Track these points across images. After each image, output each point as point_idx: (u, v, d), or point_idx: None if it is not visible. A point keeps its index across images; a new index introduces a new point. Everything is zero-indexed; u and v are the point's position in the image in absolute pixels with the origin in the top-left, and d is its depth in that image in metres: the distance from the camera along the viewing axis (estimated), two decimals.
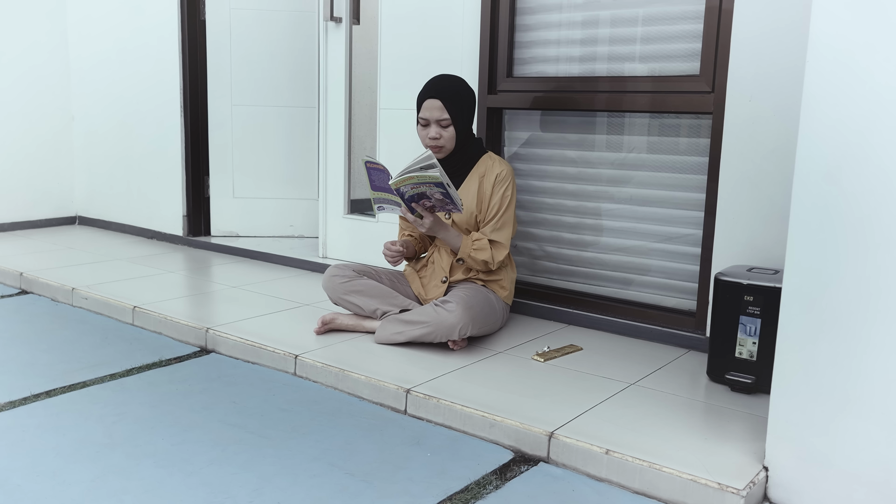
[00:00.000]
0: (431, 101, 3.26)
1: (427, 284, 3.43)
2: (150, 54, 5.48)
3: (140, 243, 5.50)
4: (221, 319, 3.54)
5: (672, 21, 3.31)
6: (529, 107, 3.71)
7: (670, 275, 3.46)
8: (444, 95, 3.27)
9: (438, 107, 3.26)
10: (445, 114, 3.26)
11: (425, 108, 3.28)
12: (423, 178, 2.97)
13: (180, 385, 2.95)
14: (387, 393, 2.77)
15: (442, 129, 3.28)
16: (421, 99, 3.30)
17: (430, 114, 3.27)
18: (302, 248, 5.06)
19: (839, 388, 2.02)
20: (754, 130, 3.02)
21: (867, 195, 1.94)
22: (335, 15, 4.44)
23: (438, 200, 3.07)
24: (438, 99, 3.26)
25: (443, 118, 3.26)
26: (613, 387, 2.81)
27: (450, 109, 3.26)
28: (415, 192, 3.05)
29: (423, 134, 3.32)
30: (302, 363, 3.04)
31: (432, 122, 3.27)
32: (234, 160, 5.36)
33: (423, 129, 3.31)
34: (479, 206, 3.34)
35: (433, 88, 3.29)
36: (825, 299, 2.03)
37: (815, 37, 2.00)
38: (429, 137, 3.29)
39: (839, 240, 1.99)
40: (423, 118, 3.29)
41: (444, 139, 3.29)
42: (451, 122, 3.28)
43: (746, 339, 2.71)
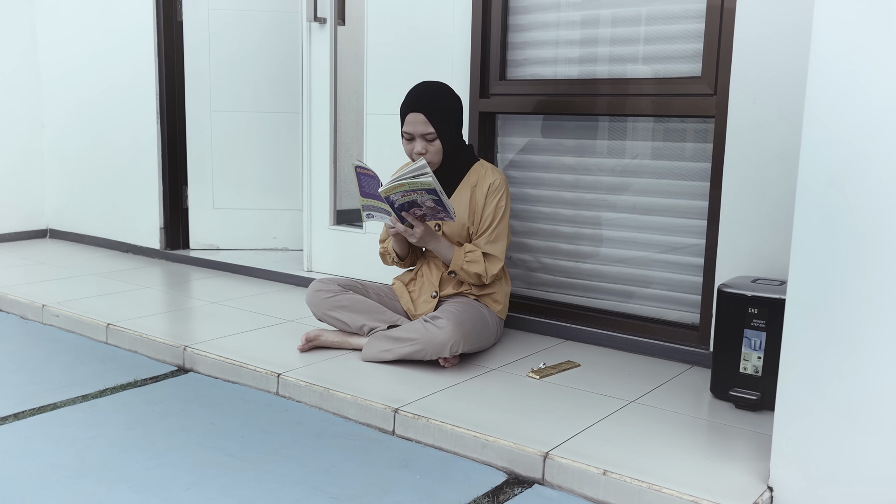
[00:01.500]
0: (414, 116, 3.24)
1: (416, 299, 3.45)
2: (123, 58, 5.51)
3: (115, 257, 5.52)
4: (200, 337, 3.56)
5: (672, 20, 3.34)
6: (524, 111, 3.74)
7: (672, 287, 3.48)
8: (428, 108, 3.24)
9: (422, 121, 3.24)
10: (430, 127, 3.24)
11: (408, 122, 3.26)
12: (415, 185, 2.98)
13: (156, 406, 2.96)
14: (374, 413, 2.79)
15: (428, 144, 3.27)
16: (403, 112, 3.28)
17: (413, 128, 3.25)
18: (286, 261, 5.08)
19: (845, 404, 2.05)
20: (758, 135, 3.05)
21: (873, 202, 1.97)
22: (319, 15, 4.47)
23: (430, 209, 3.09)
24: (421, 112, 3.23)
25: (427, 132, 3.24)
26: (612, 405, 2.83)
27: (434, 122, 3.24)
28: (405, 199, 3.06)
29: (408, 148, 3.31)
30: (285, 382, 3.06)
31: (417, 136, 3.26)
32: (213, 169, 5.38)
33: (409, 143, 3.29)
34: (472, 217, 3.35)
35: (415, 101, 3.26)
36: (830, 311, 2.05)
37: (818, 38, 2.03)
38: (414, 153, 3.28)
39: (844, 248, 2.02)
40: (407, 132, 3.27)
41: (431, 153, 3.28)
42: (437, 136, 3.27)
43: (751, 354, 2.73)
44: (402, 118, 3.29)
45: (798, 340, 2.11)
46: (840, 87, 2.00)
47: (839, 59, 2.00)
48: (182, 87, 5.36)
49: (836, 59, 2.00)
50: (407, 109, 3.27)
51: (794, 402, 2.13)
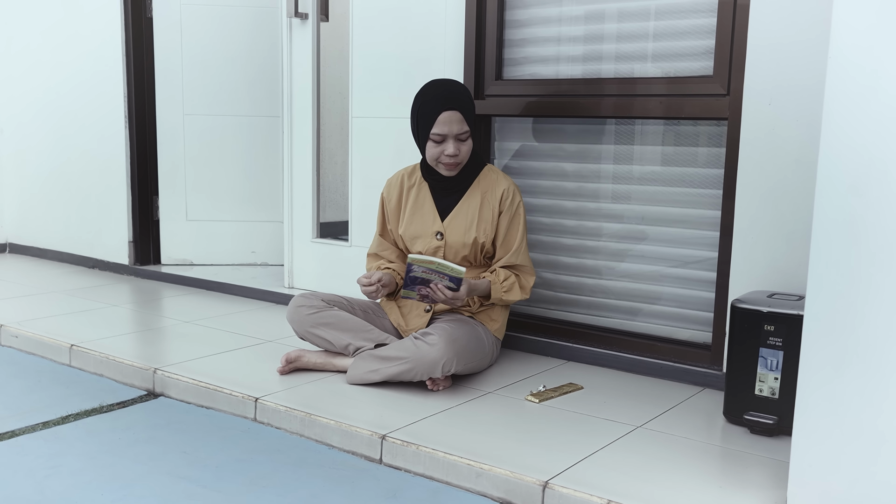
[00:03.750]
0: (451, 114, 3.26)
1: (407, 314, 3.46)
2: (89, 57, 5.53)
3: (80, 273, 5.52)
4: (172, 359, 3.56)
5: (681, 15, 3.36)
6: (522, 113, 3.75)
7: (682, 303, 3.49)
8: (463, 105, 3.29)
9: (458, 119, 3.27)
10: (465, 126, 3.29)
11: (443, 122, 3.26)
12: (444, 269, 3.13)
13: (123, 433, 2.96)
14: (359, 440, 2.79)
15: (461, 144, 3.30)
16: (433, 111, 3.28)
17: (448, 128, 3.26)
18: (265, 277, 5.09)
19: (869, 428, 2.05)
20: (775, 138, 3.07)
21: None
22: (300, 11, 4.49)
23: (436, 288, 3.19)
24: (458, 110, 3.27)
25: (462, 131, 3.29)
26: (617, 430, 2.84)
27: (468, 120, 3.30)
28: (424, 275, 3.18)
29: (435, 151, 3.32)
30: (263, 407, 3.06)
31: (450, 137, 3.28)
32: (186, 177, 5.39)
33: (437, 145, 3.30)
34: (479, 225, 3.39)
35: (449, 98, 3.28)
36: (852, 327, 2.06)
37: (837, 33, 2.04)
38: (446, 154, 3.29)
39: (866, 259, 2.03)
40: (439, 134, 3.27)
41: (463, 154, 3.33)
42: (470, 135, 3.32)
43: (767, 375, 2.74)
44: (429, 119, 3.28)
45: (817, 359, 2.12)
46: (860, 86, 2.01)
47: (859, 55, 2.01)
48: (152, 88, 5.37)
49: (855, 56, 2.02)
50: (439, 108, 3.27)
51: (813, 427, 2.14)
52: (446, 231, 3.40)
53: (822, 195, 2.09)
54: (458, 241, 3.39)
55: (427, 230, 3.43)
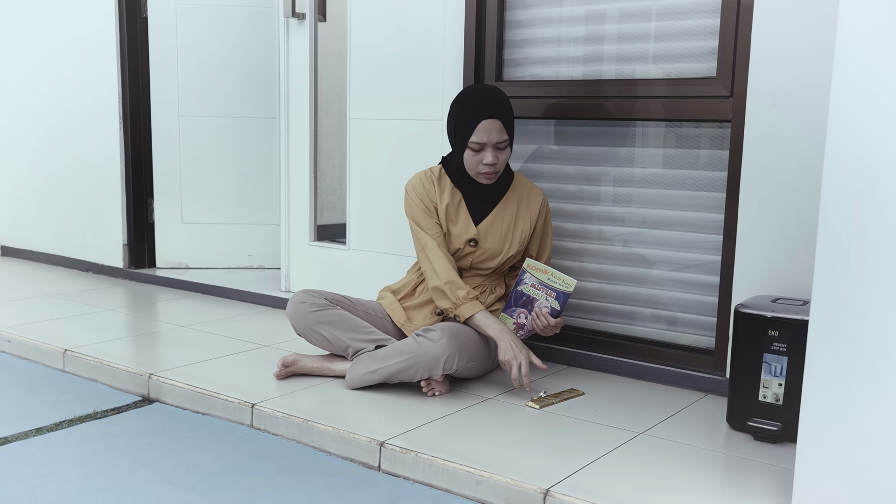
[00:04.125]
0: (492, 122, 3.21)
1: (413, 316, 3.46)
2: (83, 58, 5.53)
3: (73, 277, 5.52)
4: (167, 364, 3.56)
5: (684, 15, 3.36)
6: (522, 115, 3.74)
7: (684, 307, 3.49)
8: (503, 113, 3.25)
9: (499, 128, 3.23)
10: (505, 134, 3.25)
11: (483, 130, 3.21)
12: (555, 280, 3.21)
13: (118, 440, 2.96)
14: (358, 446, 2.79)
15: (499, 153, 3.26)
16: (473, 119, 3.22)
17: (489, 137, 3.21)
18: (261, 280, 5.09)
19: (876, 435, 2.05)
20: (779, 141, 3.07)
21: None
22: (297, 11, 4.49)
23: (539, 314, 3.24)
24: (499, 118, 3.23)
25: (502, 140, 3.24)
26: (619, 437, 2.83)
27: (508, 129, 3.27)
28: (532, 291, 3.24)
29: (473, 161, 3.26)
30: (260, 413, 3.05)
31: (490, 145, 3.23)
32: (182, 180, 5.39)
33: (475, 154, 3.25)
34: (512, 235, 3.40)
35: (490, 105, 3.23)
36: (858, 332, 2.06)
37: (843, 36, 2.04)
38: (483, 164, 3.24)
39: (874, 263, 2.02)
40: (479, 142, 3.22)
41: (501, 163, 3.29)
42: (509, 143, 3.29)
43: (771, 381, 2.74)
44: (469, 127, 3.23)
45: (823, 365, 2.12)
46: (866, 89, 2.01)
47: (865, 59, 2.01)
48: (147, 89, 5.36)
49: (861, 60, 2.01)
50: (480, 116, 3.21)
51: (818, 433, 2.14)
52: (481, 238, 3.38)
53: (827, 199, 2.08)
54: (493, 249, 3.38)
55: (460, 237, 3.39)
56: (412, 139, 4.08)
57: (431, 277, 3.30)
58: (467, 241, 3.37)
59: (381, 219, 4.27)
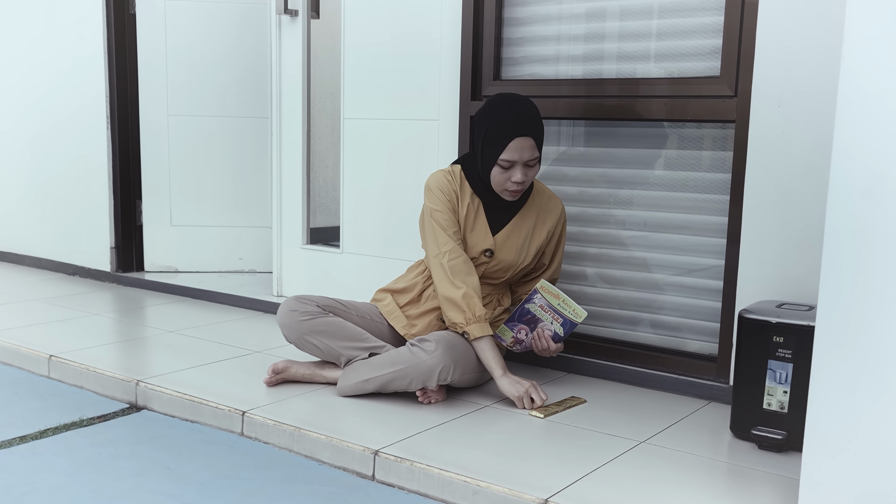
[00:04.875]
0: (524, 141, 3.15)
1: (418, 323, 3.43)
2: (69, 55, 5.52)
3: (59, 281, 5.51)
4: (155, 370, 3.55)
5: (687, 13, 3.37)
6: None
7: (687, 313, 3.49)
8: (536, 130, 3.19)
9: (531, 146, 3.17)
10: (537, 152, 3.21)
11: (515, 149, 3.14)
12: (566, 307, 3.23)
13: (104, 448, 2.95)
14: (351, 455, 2.78)
15: (528, 170, 3.21)
16: (505, 136, 3.15)
17: (520, 155, 3.15)
18: (253, 284, 5.09)
19: (884, 444, 2.05)
20: (784, 142, 3.07)
21: None
22: (290, 7, 4.49)
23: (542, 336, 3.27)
24: (532, 137, 3.17)
25: (533, 157, 3.19)
26: (620, 445, 2.83)
27: (539, 146, 3.22)
28: (539, 311, 3.26)
29: (501, 178, 3.21)
30: (250, 421, 3.05)
31: (520, 163, 3.17)
32: (171, 181, 5.39)
33: (504, 171, 3.19)
34: (528, 248, 3.39)
35: (523, 123, 3.16)
36: (865, 339, 2.06)
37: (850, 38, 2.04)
38: (512, 181, 3.20)
39: (881, 268, 2.02)
40: (509, 160, 3.16)
41: (529, 181, 3.25)
42: (539, 160, 3.26)
43: (776, 388, 2.74)
44: (500, 144, 3.16)
45: (829, 372, 2.12)
46: (873, 92, 2.01)
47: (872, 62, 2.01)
48: (135, 88, 5.36)
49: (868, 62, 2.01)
50: (513, 133, 3.14)
51: (823, 442, 2.14)
52: (497, 249, 3.36)
53: (834, 202, 2.08)
54: (508, 260, 3.37)
55: (476, 247, 3.35)
56: (408, 140, 4.07)
57: (446, 286, 3.22)
58: (483, 251, 3.35)
59: (376, 222, 4.26)
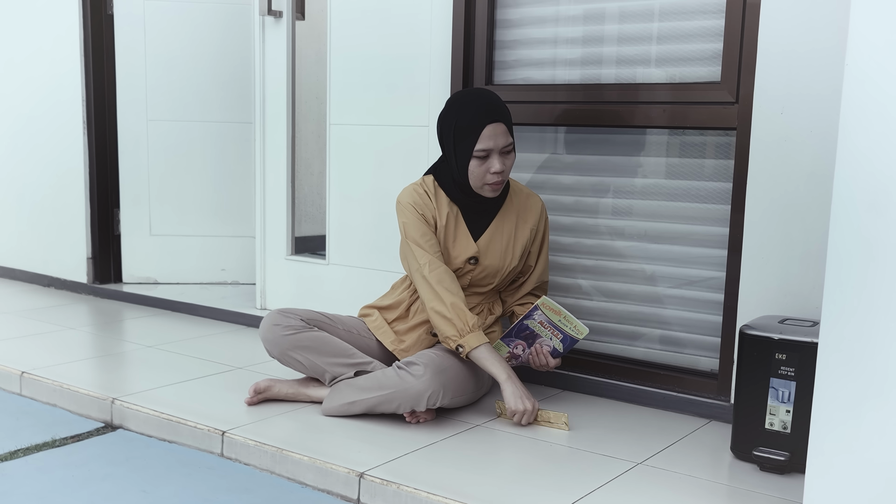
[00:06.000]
0: (496, 127, 3.19)
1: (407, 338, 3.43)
2: (43, 57, 5.51)
3: (33, 293, 5.50)
4: (132, 388, 3.54)
5: (687, 16, 3.37)
6: (514, 122, 3.72)
7: (686, 327, 3.49)
8: (505, 115, 3.25)
9: (504, 131, 3.22)
10: (510, 137, 3.25)
11: (489, 136, 3.18)
12: (567, 323, 3.23)
13: (77, 470, 2.94)
14: (335, 477, 2.78)
15: (505, 158, 3.24)
16: (476, 126, 3.19)
17: (495, 142, 3.18)
18: (235, 297, 5.08)
19: (890, 467, 2.05)
20: (787, 150, 3.07)
21: None
22: (274, 8, 4.49)
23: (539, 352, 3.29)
24: (503, 122, 3.22)
25: (508, 144, 3.23)
26: (616, 467, 2.83)
27: (511, 131, 3.26)
28: (539, 327, 3.27)
29: (480, 171, 3.23)
30: (230, 441, 3.04)
31: (496, 151, 3.21)
32: (150, 189, 5.38)
33: (482, 162, 3.22)
34: (513, 249, 3.39)
35: (490, 109, 3.21)
36: (870, 356, 2.06)
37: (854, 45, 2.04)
38: (492, 172, 3.22)
39: (887, 284, 2.02)
40: (485, 149, 3.19)
41: (508, 170, 3.27)
42: (514, 147, 3.28)
43: (779, 407, 2.74)
44: (472, 135, 3.19)
45: (833, 392, 2.12)
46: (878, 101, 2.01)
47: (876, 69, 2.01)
48: (113, 91, 5.36)
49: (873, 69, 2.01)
50: (485, 121, 3.18)
51: (827, 464, 2.13)
52: (482, 255, 3.36)
53: (838, 215, 2.08)
54: (494, 265, 3.37)
55: (461, 257, 3.35)
56: (397, 146, 4.07)
57: (432, 300, 3.22)
58: (467, 259, 3.35)
59: (364, 231, 4.26)
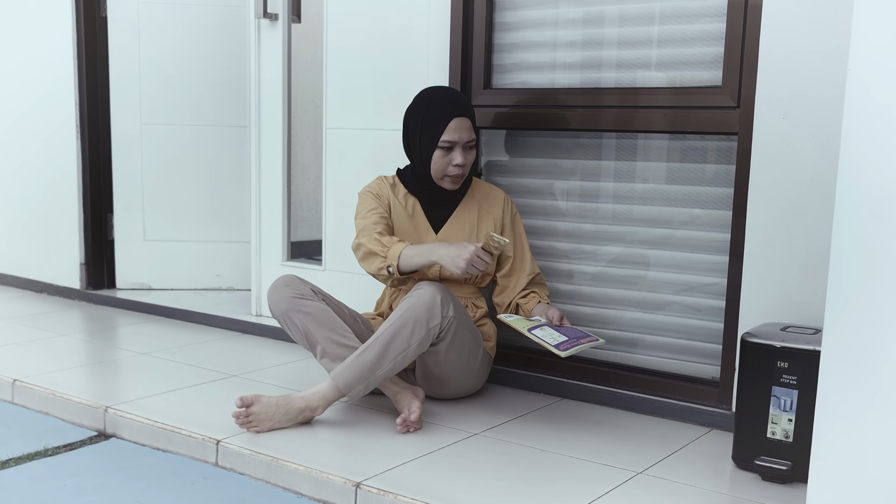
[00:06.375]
0: (461, 121, 3.39)
1: None
2: (36, 60, 5.51)
3: (25, 299, 5.50)
4: (125, 396, 3.54)
5: (688, 19, 3.37)
6: (513, 126, 3.76)
7: (687, 334, 3.49)
8: (470, 111, 3.45)
9: (468, 126, 3.42)
10: (473, 133, 3.45)
11: (454, 129, 3.37)
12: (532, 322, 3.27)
13: (70, 480, 2.94)
14: (331, 487, 2.77)
15: (467, 153, 3.43)
16: (443, 118, 3.37)
17: (459, 135, 3.38)
18: (230, 303, 5.08)
19: (893, 477, 2.04)
20: (789, 155, 3.07)
21: None
22: (270, 11, 4.50)
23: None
24: (467, 117, 3.42)
25: (471, 139, 3.43)
26: (615, 476, 2.82)
27: (475, 128, 3.44)
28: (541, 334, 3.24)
29: (442, 163, 3.41)
30: (225, 450, 3.04)
31: (460, 144, 3.39)
32: (144, 193, 5.38)
33: (445, 154, 3.40)
34: (476, 239, 3.47)
35: (458, 104, 3.41)
36: (874, 364, 2.05)
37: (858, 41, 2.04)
38: (453, 165, 3.41)
39: (890, 292, 2.02)
40: (449, 141, 3.37)
41: (468, 165, 3.47)
42: (476, 145, 3.44)
43: (781, 416, 2.73)
44: (438, 127, 3.36)
45: (835, 401, 2.11)
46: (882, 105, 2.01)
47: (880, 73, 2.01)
48: (107, 95, 5.36)
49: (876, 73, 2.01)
50: (451, 114, 3.37)
51: (830, 474, 2.13)
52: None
53: (840, 221, 2.08)
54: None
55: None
56: (393, 150, 4.05)
57: (357, 252, 3.38)
58: None
59: None
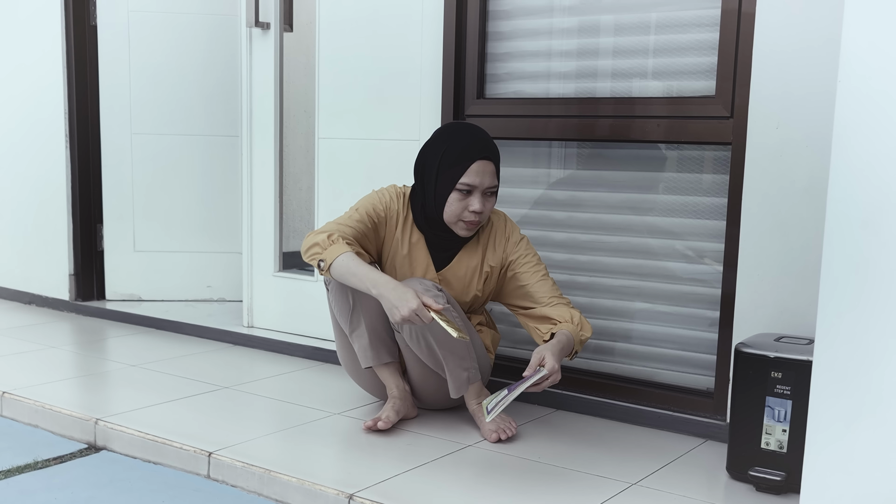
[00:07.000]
0: (485, 165, 3.19)
1: None
2: (25, 69, 5.52)
3: (14, 310, 5.50)
4: (116, 408, 3.55)
5: (681, 29, 3.40)
6: (506, 136, 3.76)
7: (681, 345, 3.52)
8: (496, 156, 3.25)
9: (492, 171, 3.22)
10: (496, 179, 3.26)
11: (475, 172, 3.17)
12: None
13: (60, 493, 2.94)
14: (324, 499, 2.79)
15: (487, 200, 3.24)
16: (466, 159, 3.18)
17: (481, 179, 3.18)
18: (221, 314, 5.09)
19: (885, 487, 2.07)
20: (783, 165, 3.10)
21: None
22: (261, 20, 4.51)
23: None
24: (493, 161, 3.23)
25: (493, 185, 3.24)
26: (609, 488, 2.84)
27: (498, 174, 3.28)
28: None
29: (458, 207, 3.21)
30: (217, 462, 3.05)
31: (480, 189, 3.20)
32: (134, 204, 5.39)
33: (463, 198, 3.20)
34: (479, 281, 3.38)
35: (484, 146, 3.21)
36: (866, 375, 2.07)
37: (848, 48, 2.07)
38: (470, 210, 3.21)
39: (881, 304, 2.04)
40: (469, 184, 3.18)
41: (486, 213, 3.26)
42: (497, 192, 3.30)
43: (775, 426, 2.76)
44: (460, 167, 3.18)
45: (827, 412, 2.13)
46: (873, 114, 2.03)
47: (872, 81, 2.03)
48: (97, 105, 5.36)
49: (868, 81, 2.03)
50: (475, 156, 3.18)
51: (822, 485, 2.15)
52: (443, 284, 3.37)
53: (831, 232, 2.10)
54: (455, 294, 3.38)
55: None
56: (386, 160, 4.09)
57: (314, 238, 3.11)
58: None
59: None
